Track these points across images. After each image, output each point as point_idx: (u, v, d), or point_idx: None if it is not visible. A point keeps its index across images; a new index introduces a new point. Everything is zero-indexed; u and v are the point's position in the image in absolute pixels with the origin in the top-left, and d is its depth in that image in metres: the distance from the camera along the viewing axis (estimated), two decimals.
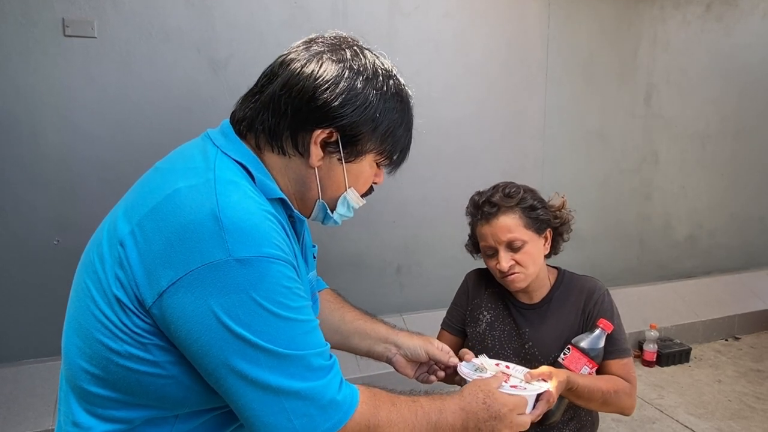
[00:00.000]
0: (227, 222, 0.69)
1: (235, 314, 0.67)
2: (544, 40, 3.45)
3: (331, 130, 0.81)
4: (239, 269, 0.67)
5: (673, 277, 4.13)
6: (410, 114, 0.90)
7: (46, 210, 2.54)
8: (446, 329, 1.48)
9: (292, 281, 0.73)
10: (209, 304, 0.67)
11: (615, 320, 1.31)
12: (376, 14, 3.02)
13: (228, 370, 0.69)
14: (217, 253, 0.67)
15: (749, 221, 4.38)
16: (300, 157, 0.83)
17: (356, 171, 0.87)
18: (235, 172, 0.78)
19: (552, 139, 3.58)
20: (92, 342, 0.74)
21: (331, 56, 0.82)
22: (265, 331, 0.69)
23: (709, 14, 3.94)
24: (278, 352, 0.70)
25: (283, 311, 0.70)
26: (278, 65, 0.84)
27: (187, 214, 0.70)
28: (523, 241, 1.27)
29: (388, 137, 0.86)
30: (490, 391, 0.93)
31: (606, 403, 1.25)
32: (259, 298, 0.68)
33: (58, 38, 2.46)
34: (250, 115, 0.83)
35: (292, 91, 0.80)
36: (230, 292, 0.67)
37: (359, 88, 0.81)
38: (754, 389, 3.16)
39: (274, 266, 0.70)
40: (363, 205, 0.95)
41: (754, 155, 4.30)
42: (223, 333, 0.68)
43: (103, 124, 2.57)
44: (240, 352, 0.68)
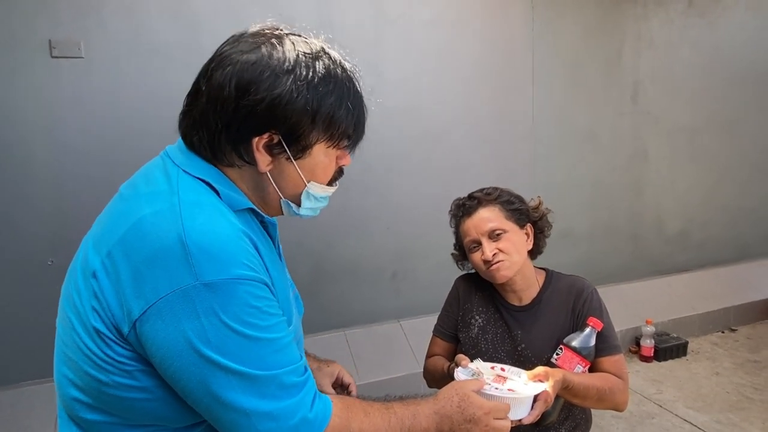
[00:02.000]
0: (193, 246, 0.68)
1: (206, 338, 0.68)
2: (529, 43, 3.49)
3: (269, 134, 0.79)
4: (207, 293, 0.68)
5: (668, 271, 4.15)
6: (350, 88, 0.84)
7: (38, 231, 2.54)
8: (439, 336, 1.50)
9: (262, 300, 0.73)
10: (180, 330, 0.68)
11: (604, 318, 1.32)
12: (362, 23, 3.04)
13: (202, 393, 0.70)
14: (185, 279, 0.67)
15: (740, 213, 4.41)
16: (249, 165, 0.81)
17: (310, 164, 0.84)
18: (199, 191, 0.78)
19: (541, 140, 3.61)
20: (81, 374, 0.75)
21: (248, 57, 0.78)
22: (236, 354, 0.69)
23: (692, 10, 3.99)
24: (249, 373, 0.70)
25: (253, 332, 0.70)
26: (202, 76, 0.81)
27: (154, 241, 0.70)
28: (503, 230, 1.33)
29: (331, 123, 0.82)
30: (466, 395, 0.93)
31: (601, 400, 1.27)
32: (228, 321, 0.69)
33: (46, 59, 2.48)
34: (189, 133, 0.82)
35: (216, 105, 0.77)
36: (200, 316, 0.68)
37: (282, 86, 0.77)
38: (752, 380, 3.18)
39: (242, 287, 0.70)
40: (336, 189, 0.92)
41: (741, 148, 4.34)
42: (195, 358, 0.68)
43: (93, 142, 2.57)
44: (212, 375, 0.69)
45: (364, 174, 3.16)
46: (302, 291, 3.31)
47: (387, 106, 3.15)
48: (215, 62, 0.80)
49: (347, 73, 0.85)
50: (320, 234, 3.10)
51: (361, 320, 3.22)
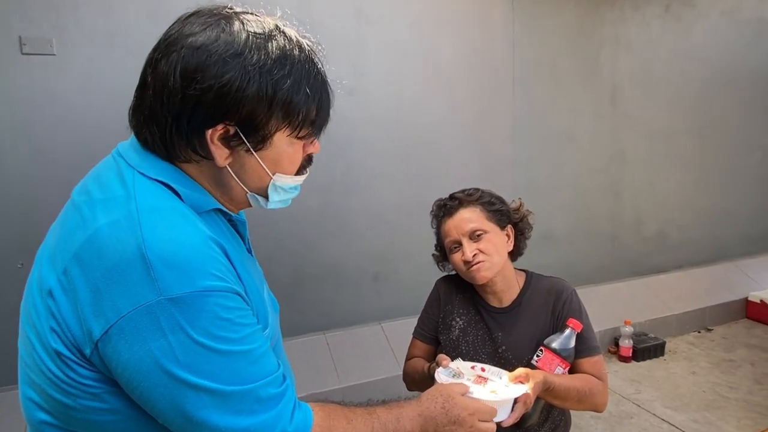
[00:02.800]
0: (154, 258, 0.63)
1: (174, 357, 0.63)
2: (509, 45, 3.50)
3: (223, 125, 0.72)
4: (173, 309, 0.63)
5: (646, 272, 4.21)
6: (309, 70, 0.75)
7: (8, 233, 2.47)
8: (419, 338, 1.48)
9: (233, 311, 0.68)
10: (146, 350, 0.63)
11: (584, 319, 1.32)
12: (343, 23, 3.02)
13: (174, 414, 0.66)
14: (148, 295, 0.62)
15: (716, 215, 4.50)
16: (206, 160, 0.75)
17: (273, 155, 0.77)
18: (158, 195, 0.71)
19: (521, 141, 3.63)
20: (47, 397, 0.70)
21: (193, 41, 0.71)
22: (207, 370, 0.65)
23: (668, 15, 4.05)
24: (223, 390, 0.66)
25: (224, 346, 0.66)
26: (148, 66, 0.74)
27: (112, 255, 0.64)
28: (484, 231, 1.32)
29: (289, 109, 0.74)
30: (450, 396, 0.91)
31: (581, 401, 1.26)
32: (197, 337, 0.64)
33: (16, 56, 2.41)
34: (141, 130, 0.75)
35: (163, 97, 0.71)
36: (166, 334, 0.63)
37: (231, 71, 0.69)
38: (727, 379, 3.24)
39: (211, 299, 0.65)
40: (306, 176, 0.86)
41: (717, 150, 4.43)
42: (164, 378, 0.64)
43: (65, 142, 2.51)
44: (183, 395, 0.65)
45: (345, 175, 3.14)
46: (283, 293, 3.30)
47: (368, 106, 3.14)
48: (160, 50, 0.73)
49: (305, 53, 0.76)
50: (301, 236, 3.07)
51: (343, 322, 3.19)
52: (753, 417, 2.81)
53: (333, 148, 3.09)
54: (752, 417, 2.81)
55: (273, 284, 1.01)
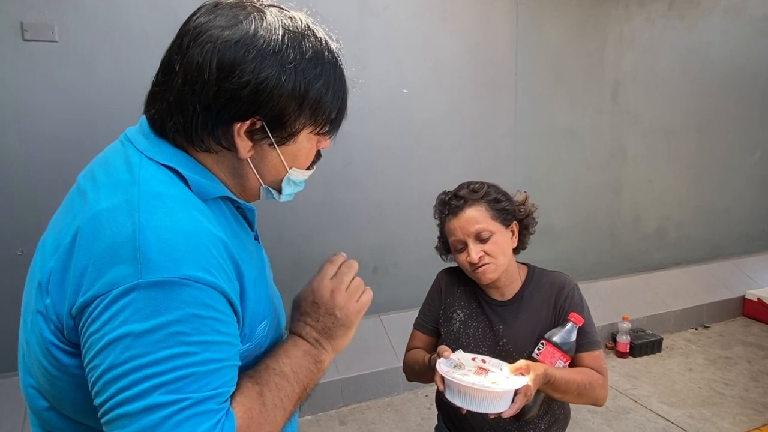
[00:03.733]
0: (144, 243, 0.61)
1: (129, 342, 0.60)
2: (512, 40, 3.49)
3: (252, 120, 0.72)
4: (146, 292, 0.60)
5: (644, 269, 4.22)
6: (336, 72, 0.78)
7: (8, 220, 2.46)
8: (419, 329, 1.48)
9: (208, 309, 0.63)
10: (108, 328, 0.60)
11: (585, 314, 1.33)
12: (346, 15, 3.01)
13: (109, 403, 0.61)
14: (128, 277, 0.60)
15: (714, 213, 4.51)
16: (228, 151, 0.75)
17: (293, 150, 0.79)
18: (164, 180, 0.70)
19: (523, 137, 3.63)
20: (43, 386, 0.70)
21: (230, 34, 0.70)
22: (158, 363, 0.60)
23: (672, 12, 4.04)
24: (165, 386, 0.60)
25: (179, 345, 0.61)
26: (175, 52, 0.73)
27: (106, 238, 0.63)
28: (490, 232, 1.30)
29: (317, 109, 0.76)
30: (301, 299, 0.84)
31: (581, 395, 1.27)
32: (159, 327, 0.60)
33: (17, 42, 2.39)
34: (159, 117, 0.74)
35: (195, 87, 0.70)
36: (131, 317, 0.60)
37: (268, 69, 0.70)
38: (723, 376, 3.26)
39: (190, 290, 0.62)
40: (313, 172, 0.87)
41: (717, 149, 4.43)
42: (113, 358, 0.60)
43: (66, 129, 2.50)
44: (123, 382, 0.60)
45: (346, 168, 3.14)
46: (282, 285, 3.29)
47: (370, 100, 3.13)
48: (190, 36, 0.72)
49: (333, 54, 0.78)
50: (301, 228, 3.07)
51: None
52: (748, 414, 2.83)
53: (334, 140, 3.08)
54: (747, 414, 2.83)
55: (273, 275, 1.00)
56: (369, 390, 3.02)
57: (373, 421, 2.82)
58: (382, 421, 2.82)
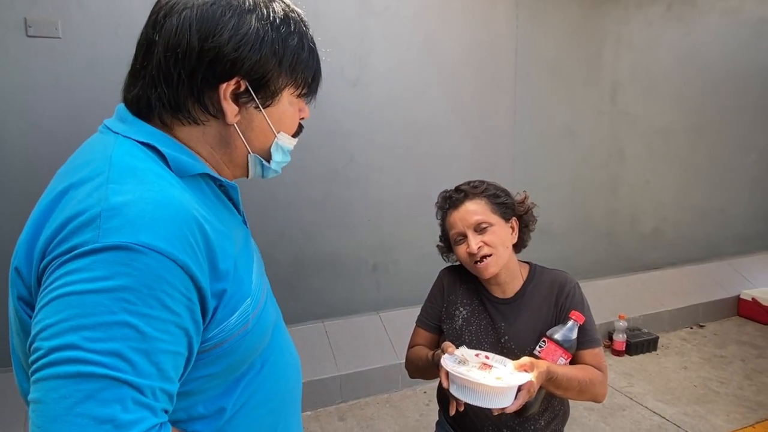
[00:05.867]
0: (107, 209, 0.60)
1: (69, 301, 0.57)
2: (512, 40, 3.52)
3: (237, 80, 0.73)
4: (100, 255, 0.58)
5: (640, 268, 4.26)
6: (307, 33, 0.80)
7: (11, 214, 2.47)
8: (422, 326, 1.51)
9: (161, 282, 0.60)
10: (55, 285, 0.58)
11: (586, 312, 1.35)
12: (347, 14, 3.02)
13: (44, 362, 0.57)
14: (87, 241, 0.59)
15: (710, 213, 4.55)
16: (215, 119, 0.75)
17: (278, 113, 0.80)
18: (138, 155, 0.69)
19: (522, 136, 3.65)
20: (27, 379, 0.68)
21: (204, 0, 0.73)
22: (98, 329, 0.57)
23: (670, 14, 4.07)
24: (101, 364, 0.57)
25: (122, 313, 0.58)
26: (151, 27, 0.73)
27: (72, 208, 0.62)
28: (489, 223, 1.34)
29: (296, 66, 0.78)
30: None
31: (582, 391, 1.29)
32: (104, 290, 0.57)
33: (21, 38, 2.40)
34: (142, 94, 0.73)
35: (177, 53, 0.70)
36: (81, 277, 0.58)
37: (247, 25, 0.72)
38: (718, 374, 3.30)
39: (143, 259, 0.59)
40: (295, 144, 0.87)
41: (713, 150, 4.47)
42: (53, 315, 0.58)
43: (69, 125, 2.51)
44: (58, 341, 0.57)
45: (346, 166, 3.16)
46: (282, 282, 3.33)
47: (371, 98, 3.15)
48: (164, 9, 0.73)
49: (301, 18, 0.80)
50: (301, 225, 3.09)
51: (341, 312, 3.22)
52: (742, 411, 2.87)
53: (335, 138, 3.10)
54: (741, 411, 2.87)
55: (273, 272, 1.02)
56: (368, 386, 3.05)
57: (372, 417, 2.85)
58: (381, 417, 2.85)
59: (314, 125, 2.93)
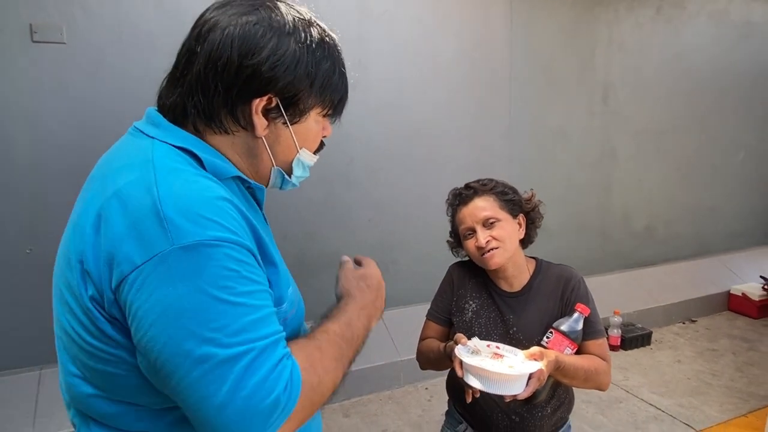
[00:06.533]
0: (168, 211, 0.65)
1: (180, 306, 0.63)
2: (507, 43, 3.59)
3: (269, 96, 0.78)
4: (183, 256, 0.64)
5: (634, 265, 4.35)
6: (339, 57, 0.86)
7: (17, 219, 2.49)
8: (432, 320, 1.56)
9: (242, 264, 0.68)
10: (156, 298, 0.64)
11: (590, 304, 1.42)
12: (346, 17, 3.08)
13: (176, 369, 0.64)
14: (161, 245, 0.64)
15: (700, 211, 4.66)
16: (244, 131, 0.80)
17: (304, 130, 0.85)
18: (177, 159, 0.74)
19: (517, 137, 3.73)
20: (87, 368, 0.73)
21: (247, 19, 0.77)
22: (213, 320, 0.64)
23: (659, 17, 4.17)
24: (225, 342, 0.64)
25: (231, 296, 0.65)
26: (194, 39, 0.78)
27: (131, 212, 0.66)
28: (497, 219, 1.40)
29: (326, 88, 0.83)
30: (362, 275, 0.97)
31: (587, 380, 1.36)
32: (205, 286, 0.64)
33: (26, 44, 2.43)
34: (179, 101, 0.78)
35: (217, 66, 0.75)
36: (176, 282, 0.63)
37: (285, 46, 0.77)
38: (710, 367, 3.39)
39: (221, 249, 0.66)
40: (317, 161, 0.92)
41: (703, 149, 4.58)
42: (176, 330, 0.63)
43: (74, 130, 2.54)
44: (185, 345, 0.63)
45: (347, 167, 3.21)
46: None
47: (370, 101, 3.20)
48: (208, 25, 0.78)
49: (335, 42, 0.86)
50: (303, 226, 3.13)
51: None
52: (734, 402, 2.95)
53: (335, 140, 3.13)
54: (733, 402, 2.95)
55: None
56: (371, 383, 3.10)
57: (375, 413, 2.90)
58: (384, 413, 2.90)
59: None
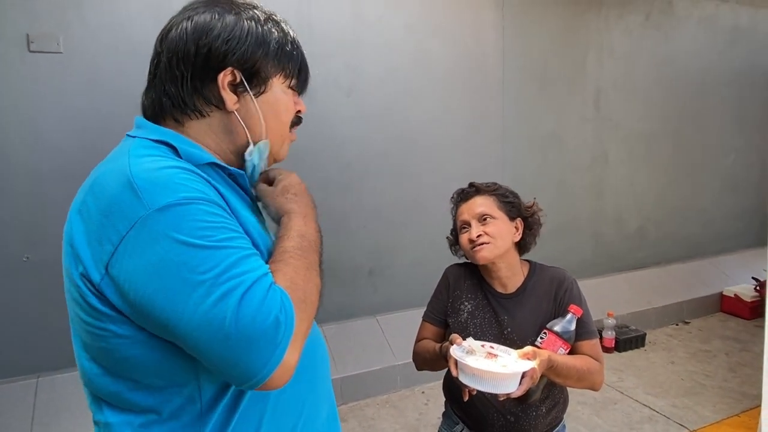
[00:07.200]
0: (140, 182, 0.72)
1: (168, 260, 0.69)
2: (499, 50, 3.64)
3: (231, 70, 0.85)
4: (160, 217, 0.70)
5: (626, 268, 4.39)
6: (289, 32, 0.93)
7: (15, 226, 2.50)
8: (428, 321, 1.59)
9: (216, 216, 0.74)
10: (145, 259, 0.70)
11: (583, 305, 1.45)
12: (340, 25, 3.12)
13: (180, 316, 0.70)
14: (139, 212, 0.70)
15: (691, 213, 4.71)
16: (218, 109, 0.87)
17: (272, 99, 0.91)
18: (152, 149, 0.81)
19: (510, 142, 3.77)
20: (89, 347, 0.79)
21: (198, 10, 0.87)
22: (200, 265, 0.70)
23: (649, 23, 4.24)
24: (215, 275, 0.70)
25: (210, 243, 0.71)
26: (159, 43, 0.88)
27: (109, 190, 0.73)
28: (492, 217, 1.45)
29: (281, 56, 0.90)
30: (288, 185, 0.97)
31: (580, 379, 1.38)
32: (184, 237, 0.70)
33: (23, 54, 2.45)
34: (156, 98, 0.87)
35: (179, 53, 0.84)
36: (159, 240, 0.69)
37: (233, 22, 0.86)
38: (703, 368, 3.42)
39: (194, 205, 0.72)
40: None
41: (693, 152, 4.64)
42: (169, 281, 0.69)
43: (71, 138, 2.56)
44: (180, 292, 0.69)
45: (342, 173, 3.23)
46: None
47: (364, 107, 3.24)
48: (167, 29, 0.88)
49: (283, 21, 0.94)
50: None
51: (339, 316, 3.29)
52: (728, 402, 2.99)
53: (330, 146, 3.18)
54: (727, 402, 2.99)
55: None
56: (367, 388, 3.11)
57: (372, 417, 2.92)
58: (382, 417, 2.92)
59: (310, 133, 3.01)
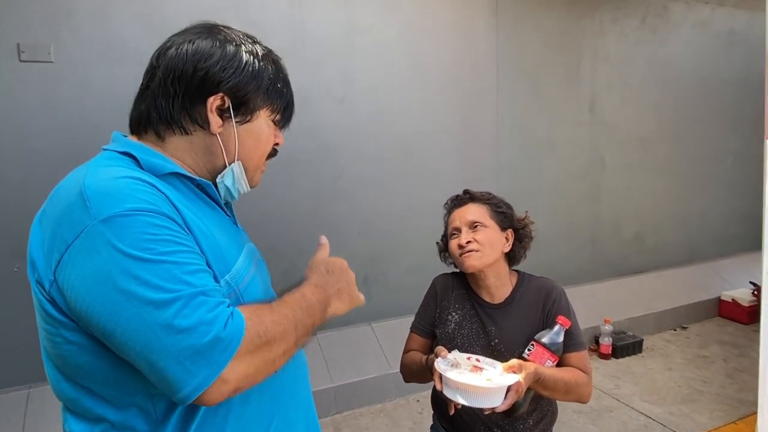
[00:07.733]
0: (90, 193, 0.73)
1: (107, 271, 0.70)
2: (493, 55, 3.63)
3: (222, 95, 0.88)
4: (103, 228, 0.71)
5: (624, 273, 4.37)
6: (282, 69, 0.97)
7: (4, 237, 2.50)
8: (416, 332, 1.57)
9: (161, 228, 0.74)
10: (87, 269, 0.71)
11: (571, 317, 1.43)
12: (333, 33, 3.11)
13: (113, 327, 0.70)
14: (85, 221, 0.71)
15: (689, 218, 4.70)
16: (201, 129, 0.89)
17: (257, 129, 0.94)
18: (116, 159, 0.83)
19: (505, 148, 3.76)
20: (51, 354, 0.81)
21: (201, 35, 0.90)
22: (140, 278, 0.70)
23: (644, 27, 4.24)
24: (156, 298, 0.70)
25: (154, 255, 0.71)
26: (156, 58, 0.90)
27: (64, 200, 0.75)
28: (483, 225, 1.45)
29: (272, 91, 0.94)
30: (327, 261, 1.02)
31: (568, 392, 1.37)
32: (126, 248, 0.70)
33: (14, 63, 2.44)
34: (144, 110, 0.88)
35: (176, 71, 0.86)
36: (100, 251, 0.70)
37: (233, 53, 0.89)
38: (701, 374, 3.40)
39: (139, 218, 0.72)
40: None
41: (690, 156, 4.63)
42: (103, 291, 0.70)
43: (62, 147, 2.55)
44: (119, 305, 0.70)
45: (335, 181, 3.22)
46: None
47: (358, 114, 3.23)
48: (167, 45, 0.90)
49: (279, 59, 0.98)
50: (292, 239, 3.14)
51: (334, 323, 3.27)
52: (725, 409, 2.96)
53: (324, 154, 3.17)
54: (724, 409, 2.96)
55: None
56: (362, 396, 3.09)
57: (367, 427, 2.89)
58: (376, 427, 2.89)
59: (304, 141, 3.00)
